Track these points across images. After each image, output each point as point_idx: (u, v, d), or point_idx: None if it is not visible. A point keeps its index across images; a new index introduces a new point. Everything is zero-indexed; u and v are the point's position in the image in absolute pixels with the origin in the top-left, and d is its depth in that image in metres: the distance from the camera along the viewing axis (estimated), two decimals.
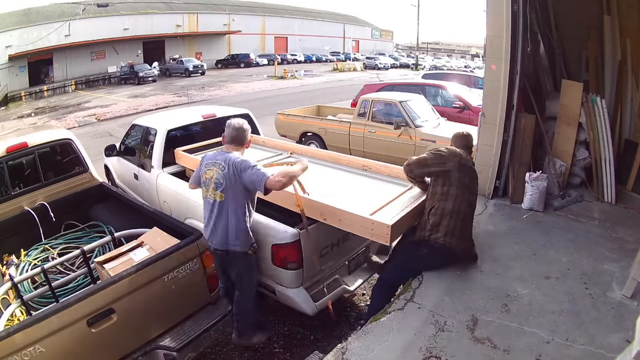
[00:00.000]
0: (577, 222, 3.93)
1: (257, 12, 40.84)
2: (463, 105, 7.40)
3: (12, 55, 23.80)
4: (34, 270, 2.43)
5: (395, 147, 5.81)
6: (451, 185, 2.62)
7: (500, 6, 4.09)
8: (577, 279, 3.01)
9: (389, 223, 2.15)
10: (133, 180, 4.28)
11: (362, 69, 34.11)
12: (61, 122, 13.33)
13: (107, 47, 29.08)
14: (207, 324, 2.24)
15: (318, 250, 2.65)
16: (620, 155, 4.54)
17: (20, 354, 1.66)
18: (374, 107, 6.21)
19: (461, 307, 2.74)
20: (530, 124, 4.33)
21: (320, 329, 2.97)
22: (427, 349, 2.39)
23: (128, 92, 21.12)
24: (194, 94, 18.39)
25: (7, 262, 2.75)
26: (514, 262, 3.27)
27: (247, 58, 34.33)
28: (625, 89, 4.68)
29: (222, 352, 2.79)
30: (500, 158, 4.45)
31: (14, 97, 21.87)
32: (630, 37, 4.54)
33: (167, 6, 33.42)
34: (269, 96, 17.00)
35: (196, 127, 4.20)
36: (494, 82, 4.33)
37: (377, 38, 56.63)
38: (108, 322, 1.93)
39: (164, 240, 2.41)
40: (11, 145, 3.21)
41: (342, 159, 3.39)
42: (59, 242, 3.04)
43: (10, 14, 24.95)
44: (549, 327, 2.51)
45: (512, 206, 4.33)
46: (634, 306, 2.66)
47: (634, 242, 3.41)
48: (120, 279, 1.98)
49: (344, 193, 2.75)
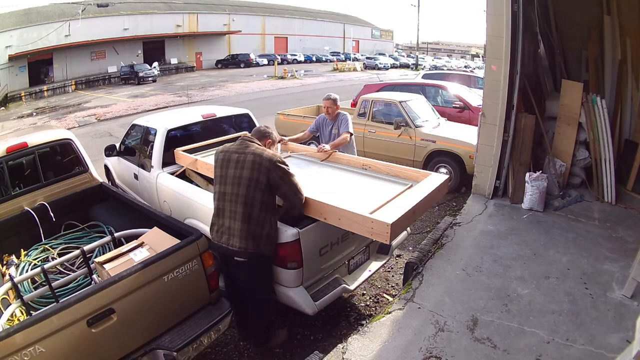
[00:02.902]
0: (577, 222, 3.93)
1: (257, 12, 40.84)
2: (463, 105, 7.40)
3: (12, 55, 23.79)
4: (34, 270, 2.42)
5: (396, 147, 5.81)
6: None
7: (500, 6, 4.10)
8: (577, 279, 3.01)
9: (388, 222, 2.15)
10: (133, 180, 4.27)
11: (362, 69, 34.13)
12: (61, 122, 13.33)
13: (107, 47, 29.08)
14: (207, 324, 2.24)
15: (318, 249, 2.65)
16: (620, 155, 4.55)
17: (20, 354, 1.66)
18: (374, 107, 6.21)
19: (461, 307, 2.74)
20: (530, 124, 4.33)
21: (320, 329, 2.97)
22: (427, 349, 2.39)
23: (128, 92, 21.12)
24: (194, 94, 18.40)
25: (7, 262, 2.75)
26: (514, 262, 3.28)
27: (247, 58, 34.37)
28: (625, 89, 4.68)
29: (222, 352, 2.79)
30: (500, 158, 4.46)
31: (14, 97, 21.87)
32: (630, 37, 4.54)
33: (167, 6, 33.41)
34: (269, 96, 17.00)
35: (196, 127, 4.20)
36: (494, 82, 4.34)
37: (377, 38, 56.64)
38: (108, 322, 1.92)
39: (164, 240, 2.41)
40: (11, 145, 3.21)
41: (342, 158, 3.39)
42: (59, 242, 3.03)
43: (10, 14, 24.97)
44: (549, 327, 2.52)
45: (512, 206, 4.33)
46: (634, 306, 2.66)
47: (634, 242, 3.41)
48: (120, 279, 1.98)
49: (344, 192, 2.75)
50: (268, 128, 2.66)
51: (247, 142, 2.45)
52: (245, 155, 2.36)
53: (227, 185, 2.37)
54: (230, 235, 2.35)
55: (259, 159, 2.33)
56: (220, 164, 2.43)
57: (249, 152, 2.38)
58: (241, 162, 2.35)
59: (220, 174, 2.41)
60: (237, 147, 2.43)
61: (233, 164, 2.37)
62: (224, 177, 2.39)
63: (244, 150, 2.39)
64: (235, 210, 2.33)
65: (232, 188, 2.35)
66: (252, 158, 2.34)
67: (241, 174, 2.33)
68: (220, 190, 2.40)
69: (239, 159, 2.36)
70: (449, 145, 5.40)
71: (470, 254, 3.44)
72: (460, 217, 4.15)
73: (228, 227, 2.35)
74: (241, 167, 2.34)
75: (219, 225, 2.41)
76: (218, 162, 2.45)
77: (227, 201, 2.36)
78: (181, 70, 32.55)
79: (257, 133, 2.59)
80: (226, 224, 2.36)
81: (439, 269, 3.22)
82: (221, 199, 2.40)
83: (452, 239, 3.69)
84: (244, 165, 2.34)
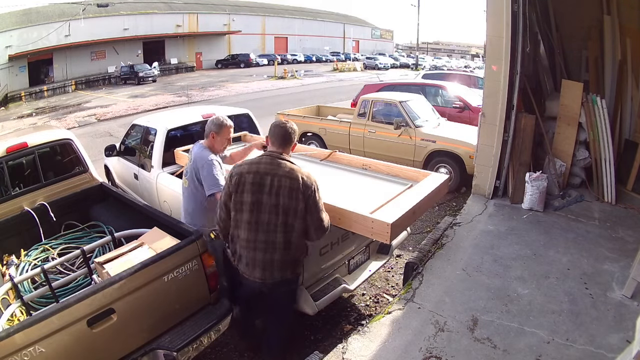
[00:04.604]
0: (577, 222, 3.93)
1: (257, 12, 40.85)
2: (463, 105, 7.41)
3: (12, 55, 23.78)
4: (34, 271, 2.42)
5: (396, 147, 5.81)
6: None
7: (500, 6, 4.10)
8: (577, 279, 3.01)
9: (389, 221, 2.15)
10: (133, 180, 4.28)
11: (362, 69, 34.14)
12: (61, 122, 13.33)
13: (107, 47, 29.08)
14: (207, 324, 2.24)
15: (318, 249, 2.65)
16: (620, 155, 4.55)
17: (20, 354, 1.65)
18: (374, 107, 6.21)
19: (461, 307, 2.74)
20: (530, 124, 4.33)
21: (320, 329, 2.97)
22: (427, 349, 2.39)
23: (128, 92, 21.12)
24: (194, 94, 18.40)
25: (7, 262, 2.74)
26: (514, 262, 3.28)
27: (247, 58, 34.38)
28: (625, 89, 4.68)
29: (222, 352, 2.79)
30: (500, 158, 4.46)
31: (14, 97, 21.86)
32: (630, 37, 4.55)
33: (167, 6, 33.42)
34: (269, 96, 17.00)
35: (196, 126, 4.19)
36: (494, 82, 4.34)
37: (377, 38, 56.67)
38: (108, 322, 1.92)
39: (164, 240, 2.40)
40: (11, 145, 3.21)
41: (343, 158, 3.39)
42: (59, 242, 3.03)
43: (10, 14, 24.94)
44: (549, 327, 2.52)
45: (512, 206, 4.33)
46: (634, 306, 2.66)
47: (634, 242, 3.41)
48: (120, 279, 1.98)
49: (344, 192, 2.75)
50: (288, 124, 2.21)
51: (277, 160, 2.10)
52: (280, 179, 2.05)
53: (262, 214, 2.06)
54: (264, 269, 2.10)
55: (297, 184, 2.04)
56: (250, 187, 2.06)
57: (283, 174, 2.05)
58: (276, 188, 2.04)
59: (252, 201, 2.06)
60: (268, 167, 2.08)
61: (267, 189, 2.05)
62: (257, 204, 2.06)
63: (276, 172, 2.06)
64: (275, 240, 2.07)
65: (269, 217, 2.05)
66: (289, 184, 2.04)
67: (277, 201, 2.04)
68: (252, 219, 2.07)
69: (273, 183, 2.05)
70: (449, 145, 5.40)
71: (470, 254, 3.44)
72: (460, 217, 4.15)
73: (262, 260, 2.09)
74: (276, 194, 2.04)
75: (250, 259, 2.11)
76: (247, 186, 2.07)
77: (263, 232, 2.07)
78: (181, 71, 32.55)
79: (282, 139, 2.16)
80: (259, 257, 2.09)
81: (439, 269, 3.22)
82: (253, 229, 2.07)
83: (452, 239, 3.69)
84: (279, 191, 2.04)
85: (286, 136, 2.17)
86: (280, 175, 2.06)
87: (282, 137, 2.16)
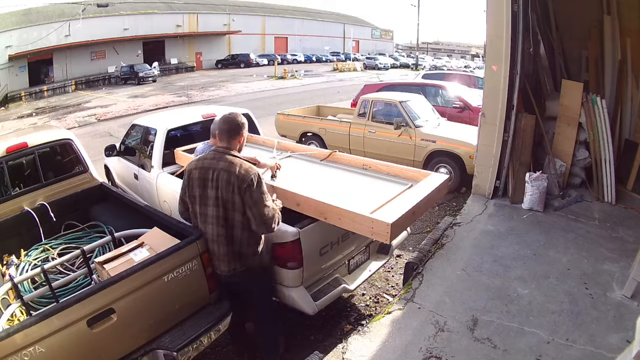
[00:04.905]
0: (577, 222, 3.93)
1: (257, 12, 40.85)
2: (463, 105, 7.41)
3: (12, 55, 23.78)
4: (34, 271, 2.42)
5: (396, 147, 5.81)
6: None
7: (500, 6, 4.10)
8: (577, 279, 3.01)
9: (389, 221, 2.15)
10: (133, 180, 4.28)
11: (362, 69, 34.14)
12: (61, 122, 13.33)
13: (107, 47, 29.08)
14: (207, 324, 2.24)
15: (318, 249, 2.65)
16: (620, 155, 4.55)
17: (20, 354, 1.65)
18: (374, 107, 6.21)
19: (461, 307, 2.74)
20: (530, 124, 4.33)
21: (320, 329, 2.97)
22: (427, 349, 2.39)
23: (128, 92, 21.12)
24: (194, 94, 18.40)
25: (7, 262, 2.74)
26: (514, 262, 3.28)
27: (247, 58, 34.38)
28: (625, 89, 4.68)
29: (222, 352, 2.79)
30: (500, 158, 4.46)
31: (14, 97, 21.87)
32: (630, 37, 4.55)
33: (167, 6, 33.42)
34: (269, 96, 17.00)
35: (196, 126, 4.20)
36: (494, 82, 4.34)
37: (377, 38, 56.67)
38: (108, 322, 1.92)
39: (164, 240, 2.40)
40: (11, 145, 3.21)
41: (343, 158, 3.39)
42: (59, 242, 3.03)
43: (10, 14, 24.95)
44: (549, 327, 2.52)
45: (512, 206, 4.33)
46: (634, 306, 2.66)
47: (634, 242, 3.41)
48: (120, 279, 1.98)
49: (344, 192, 2.75)
50: (232, 118, 2.24)
51: (220, 154, 2.17)
52: (219, 173, 2.11)
53: (208, 207, 2.16)
54: (223, 260, 2.22)
55: (233, 178, 2.07)
56: (198, 183, 2.17)
57: (222, 167, 2.11)
58: (215, 182, 2.11)
59: (200, 194, 2.17)
60: (211, 162, 2.16)
61: (210, 184, 2.13)
62: (203, 197, 2.17)
63: (216, 166, 2.13)
64: (221, 234, 2.17)
65: (213, 210, 2.15)
66: (226, 177, 2.09)
67: (217, 194, 2.11)
68: (202, 211, 2.20)
69: (213, 177, 2.12)
70: (449, 145, 5.40)
71: (470, 254, 3.44)
72: (460, 217, 4.15)
73: (221, 253, 2.21)
74: (216, 188, 2.11)
75: (214, 253, 2.24)
76: (195, 182, 2.18)
77: (214, 225, 2.17)
78: (181, 71, 32.55)
79: (227, 134, 2.21)
80: (221, 250, 2.21)
81: (439, 269, 3.22)
82: (202, 221, 2.22)
83: (452, 239, 3.69)
84: (218, 184, 2.10)
85: (231, 131, 2.21)
86: (219, 169, 2.12)
87: (227, 132, 2.21)
